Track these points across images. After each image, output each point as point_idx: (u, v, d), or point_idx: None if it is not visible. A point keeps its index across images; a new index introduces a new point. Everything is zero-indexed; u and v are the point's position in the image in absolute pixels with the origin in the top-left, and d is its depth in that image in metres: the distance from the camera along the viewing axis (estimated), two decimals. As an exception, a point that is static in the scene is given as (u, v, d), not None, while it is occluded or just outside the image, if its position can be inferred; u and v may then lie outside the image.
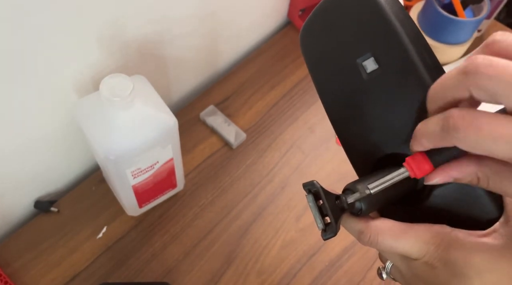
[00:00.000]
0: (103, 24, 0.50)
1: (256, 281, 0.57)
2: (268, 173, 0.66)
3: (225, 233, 0.60)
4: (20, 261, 0.56)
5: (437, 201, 0.29)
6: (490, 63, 0.21)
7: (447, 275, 0.26)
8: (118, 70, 0.56)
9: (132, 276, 0.56)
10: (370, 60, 0.29)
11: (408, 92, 0.28)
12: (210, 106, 0.70)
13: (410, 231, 0.27)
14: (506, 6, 0.82)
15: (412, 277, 0.29)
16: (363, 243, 0.29)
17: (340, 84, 0.32)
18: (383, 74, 0.29)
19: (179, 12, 0.59)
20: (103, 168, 0.56)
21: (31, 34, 0.44)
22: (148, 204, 0.59)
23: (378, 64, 0.29)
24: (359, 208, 0.28)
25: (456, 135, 0.22)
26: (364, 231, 0.28)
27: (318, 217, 0.27)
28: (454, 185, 0.28)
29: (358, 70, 0.30)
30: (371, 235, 0.28)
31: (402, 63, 0.28)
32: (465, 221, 0.28)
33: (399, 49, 0.28)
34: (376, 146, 0.31)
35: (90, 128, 0.47)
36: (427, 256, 0.27)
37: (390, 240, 0.28)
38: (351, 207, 0.28)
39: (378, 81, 0.29)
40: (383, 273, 0.33)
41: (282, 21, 0.84)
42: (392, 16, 0.28)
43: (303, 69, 0.77)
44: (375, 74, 0.29)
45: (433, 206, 0.29)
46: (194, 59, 0.70)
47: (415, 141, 0.25)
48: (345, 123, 0.33)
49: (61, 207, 0.60)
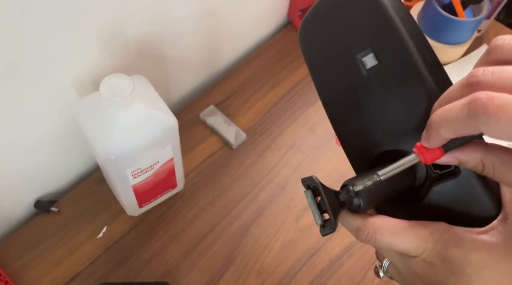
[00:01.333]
0: (103, 23, 0.50)
1: (256, 281, 0.57)
2: (268, 173, 0.66)
3: (225, 233, 0.60)
4: (20, 261, 0.56)
5: (435, 198, 0.29)
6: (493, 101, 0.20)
7: (446, 273, 0.26)
8: (118, 70, 0.56)
9: (132, 276, 0.56)
10: (369, 56, 0.29)
11: (408, 89, 0.28)
12: (210, 106, 0.70)
13: (409, 228, 0.27)
14: (506, 6, 0.82)
15: (410, 275, 0.29)
16: (360, 240, 0.29)
17: (339, 80, 0.32)
18: (383, 70, 0.29)
19: (179, 11, 0.59)
20: (103, 168, 0.56)
21: (31, 34, 0.44)
22: (148, 204, 0.59)
23: (377, 60, 0.29)
24: (358, 204, 0.28)
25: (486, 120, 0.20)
26: (362, 227, 0.28)
27: (316, 213, 0.27)
28: (452, 182, 0.28)
29: (357, 66, 0.30)
30: (369, 232, 0.28)
31: (402, 60, 0.28)
32: (463, 218, 0.28)
33: (399, 46, 0.27)
34: (374, 143, 0.31)
35: (90, 128, 0.47)
36: (425, 254, 0.26)
37: (388, 237, 0.27)
38: (350, 204, 0.28)
39: (377, 77, 0.29)
40: (380, 271, 0.33)
41: (282, 21, 0.84)
42: (392, 12, 0.28)
43: (303, 69, 0.77)
44: (375, 70, 0.29)
45: (431, 203, 0.29)
46: (194, 59, 0.70)
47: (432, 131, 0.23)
48: (344, 119, 0.33)
49: (61, 207, 0.60)
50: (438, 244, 0.26)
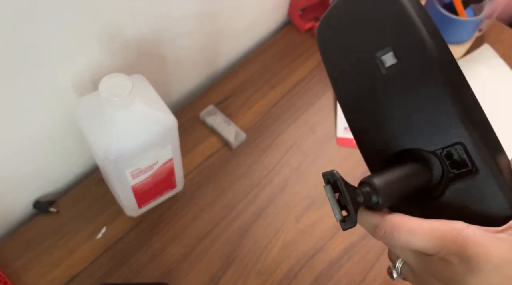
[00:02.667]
0: (103, 23, 0.50)
1: (256, 281, 0.57)
2: (268, 173, 0.65)
3: (225, 234, 0.60)
4: (19, 261, 0.56)
5: (452, 197, 0.29)
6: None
7: (464, 271, 0.26)
8: (118, 69, 0.55)
9: (132, 276, 0.56)
10: (389, 54, 0.29)
11: (426, 88, 0.28)
12: (210, 106, 0.70)
13: (426, 227, 0.27)
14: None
15: (426, 274, 0.28)
16: (377, 237, 0.29)
17: (357, 78, 0.32)
18: (402, 70, 0.29)
19: (179, 11, 0.59)
20: (102, 168, 0.55)
21: (31, 34, 0.44)
22: (148, 204, 0.59)
23: (397, 59, 0.29)
24: (376, 201, 0.28)
25: None
26: (379, 225, 0.28)
27: (336, 208, 0.27)
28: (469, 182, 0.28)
29: (376, 64, 0.30)
30: (386, 229, 0.28)
31: (421, 59, 0.28)
32: (479, 218, 0.28)
33: (419, 45, 0.28)
34: (390, 141, 0.31)
35: (89, 128, 0.46)
36: (443, 252, 0.26)
37: (405, 235, 0.27)
38: (368, 201, 0.28)
39: (396, 76, 0.29)
40: (394, 272, 0.32)
41: (282, 21, 0.84)
42: (413, 12, 0.28)
43: (303, 69, 0.77)
44: (394, 69, 0.29)
45: (447, 203, 0.29)
46: (194, 59, 0.69)
47: None
48: (360, 117, 0.33)
49: (61, 207, 0.60)
50: (457, 243, 0.26)
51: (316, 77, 0.76)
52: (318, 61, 0.78)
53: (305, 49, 0.79)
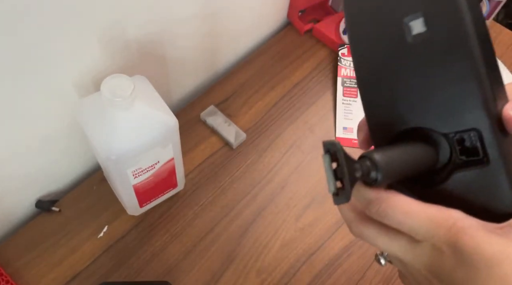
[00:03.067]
0: (104, 24, 0.50)
1: (256, 280, 0.57)
2: (268, 173, 0.66)
3: (225, 233, 0.60)
4: (21, 260, 0.57)
5: (455, 186, 0.28)
6: None
7: (454, 263, 0.25)
8: (119, 70, 0.56)
9: (133, 275, 0.57)
10: (419, 20, 0.27)
11: (453, 64, 0.26)
12: (210, 106, 0.70)
13: (422, 209, 0.26)
14: (505, 7, 0.82)
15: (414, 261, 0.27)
16: (370, 213, 0.27)
17: (379, 43, 0.29)
18: (430, 39, 0.26)
19: (179, 12, 0.59)
20: (104, 168, 0.56)
21: (32, 35, 0.44)
22: (149, 203, 0.59)
23: (426, 27, 0.26)
24: (374, 178, 0.26)
25: None
26: (374, 201, 0.27)
27: (331, 179, 0.25)
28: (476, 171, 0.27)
29: (402, 30, 0.27)
30: (380, 205, 0.26)
31: (454, 31, 0.25)
32: (479, 210, 0.26)
33: (455, 15, 0.25)
34: (403, 117, 0.29)
35: (91, 128, 0.47)
36: (436, 238, 0.25)
37: (399, 214, 0.26)
38: (366, 176, 0.26)
39: (422, 46, 0.27)
40: (381, 258, 0.31)
41: (282, 22, 0.84)
42: None
43: (303, 70, 0.77)
44: (421, 38, 0.27)
45: (449, 190, 0.28)
46: (194, 60, 0.70)
47: None
48: (374, 86, 0.30)
49: (62, 206, 0.61)
50: (451, 231, 0.25)
51: (316, 78, 0.76)
52: (318, 62, 0.78)
53: (304, 50, 0.80)
